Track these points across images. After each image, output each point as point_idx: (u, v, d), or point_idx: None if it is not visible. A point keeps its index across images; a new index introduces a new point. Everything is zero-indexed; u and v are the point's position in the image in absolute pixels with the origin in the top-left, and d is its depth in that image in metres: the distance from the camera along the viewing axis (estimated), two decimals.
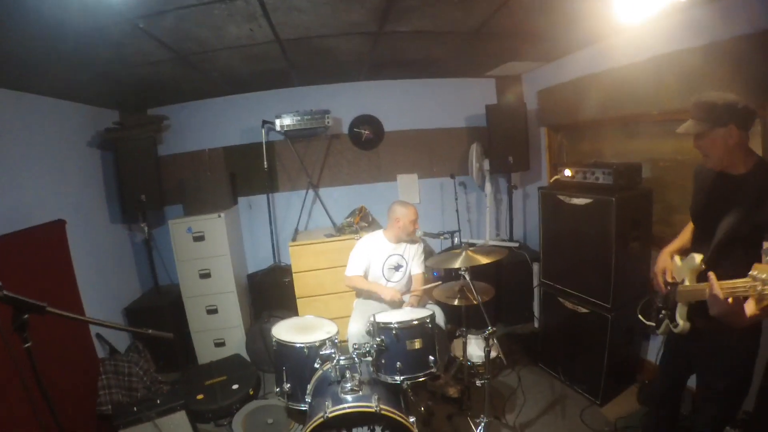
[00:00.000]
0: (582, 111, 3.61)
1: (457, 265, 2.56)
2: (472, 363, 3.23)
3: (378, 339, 2.33)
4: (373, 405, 2.10)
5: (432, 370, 2.39)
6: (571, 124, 4.02)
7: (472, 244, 4.29)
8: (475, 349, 3.34)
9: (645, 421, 2.57)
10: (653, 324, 2.15)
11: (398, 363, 2.32)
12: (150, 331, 1.49)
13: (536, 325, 4.26)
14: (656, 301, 2.13)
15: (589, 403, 3.07)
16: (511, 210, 4.54)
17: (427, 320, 2.43)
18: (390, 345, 2.35)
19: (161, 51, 2.61)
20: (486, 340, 2.46)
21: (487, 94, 4.69)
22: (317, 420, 2.09)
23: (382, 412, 2.09)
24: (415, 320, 2.40)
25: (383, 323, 2.38)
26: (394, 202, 3.28)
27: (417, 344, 2.35)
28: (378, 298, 3.18)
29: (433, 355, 2.39)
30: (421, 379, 2.38)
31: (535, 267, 4.16)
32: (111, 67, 2.82)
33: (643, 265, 3.06)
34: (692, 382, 2.17)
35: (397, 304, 3.07)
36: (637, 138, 3.40)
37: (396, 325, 2.36)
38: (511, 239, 4.54)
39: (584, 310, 3.10)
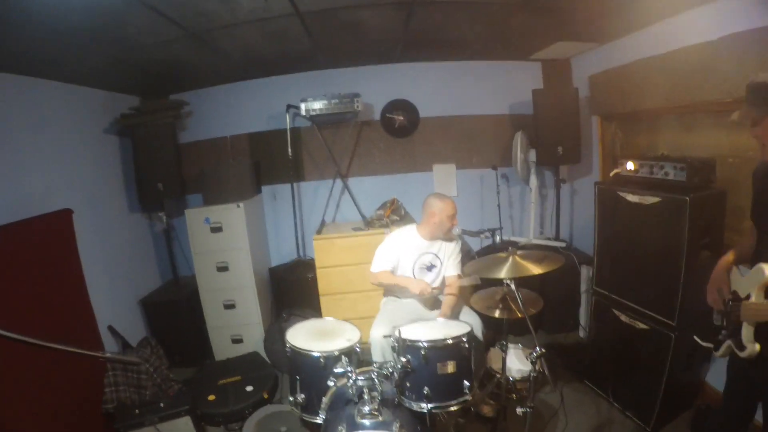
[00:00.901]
0: (642, 98, 3.15)
1: (502, 275, 2.18)
2: (512, 378, 2.88)
3: (403, 359, 1.99)
4: None
5: (466, 398, 2.05)
6: (628, 113, 3.54)
7: (514, 243, 3.92)
8: (514, 362, 2.97)
9: None
10: (710, 346, 1.93)
11: (426, 388, 1.98)
12: (109, 354, 1.26)
13: (581, 335, 3.88)
14: (715, 319, 1.90)
15: (638, 430, 2.71)
16: (558, 206, 4.10)
17: (464, 339, 2.08)
18: (417, 367, 2.01)
19: (169, 28, 2.39)
20: (532, 363, 2.09)
21: (533, 79, 4.26)
22: None
23: None
24: (449, 339, 2.04)
25: (411, 340, 2.04)
26: (429, 194, 2.94)
27: (450, 368, 2.01)
28: (407, 294, 2.87)
29: (468, 380, 2.05)
30: (452, 409, 2.04)
31: (584, 271, 3.78)
32: (121, 49, 2.63)
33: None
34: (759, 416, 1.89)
35: (428, 301, 2.77)
36: (700, 131, 2.93)
37: (425, 344, 2.02)
38: (557, 238, 4.11)
39: (643, 326, 2.70)
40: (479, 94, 4.27)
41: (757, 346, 1.61)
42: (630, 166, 2.82)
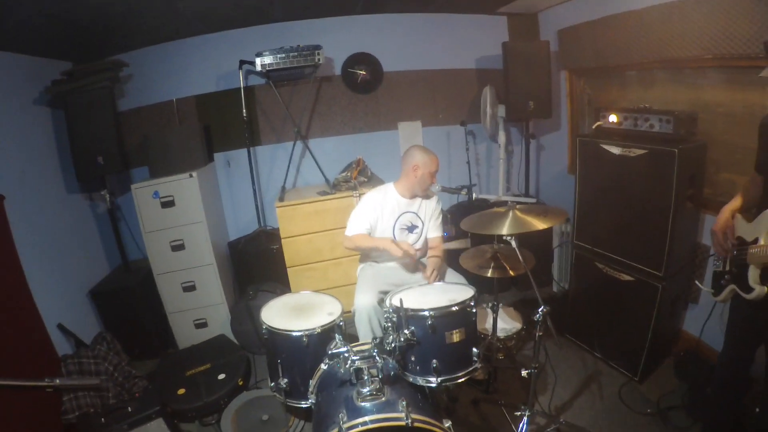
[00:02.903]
0: (617, 54, 3.11)
1: (504, 231, 2.04)
2: (499, 338, 2.82)
3: (407, 331, 1.81)
4: (402, 416, 1.62)
5: (476, 367, 1.91)
6: (598, 68, 3.50)
7: (485, 200, 3.84)
8: (499, 322, 2.90)
9: (697, 400, 2.38)
10: (711, 290, 1.98)
11: (434, 361, 1.82)
12: (58, 381, 1.00)
13: (555, 289, 3.91)
14: (715, 264, 1.96)
15: (626, 380, 2.75)
16: (527, 162, 4.03)
17: (471, 303, 1.92)
18: (423, 339, 1.83)
19: None
20: (537, 322, 1.99)
21: (499, 34, 4.11)
22: None
23: (415, 424, 1.62)
24: (455, 305, 1.88)
25: (414, 309, 1.86)
26: (411, 146, 2.73)
27: (458, 336, 1.85)
28: (387, 258, 2.70)
29: (476, 347, 1.91)
30: (461, 380, 1.90)
31: (556, 226, 3.76)
32: (47, 2, 2.18)
33: (692, 228, 2.70)
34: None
35: (409, 264, 2.63)
36: (672, 86, 2.92)
37: (431, 313, 1.84)
38: (527, 194, 4.06)
39: (628, 278, 2.70)
40: (445, 48, 4.06)
41: (766, 288, 1.64)
42: (613, 118, 2.75)
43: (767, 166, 1.75)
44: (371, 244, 2.66)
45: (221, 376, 2.82)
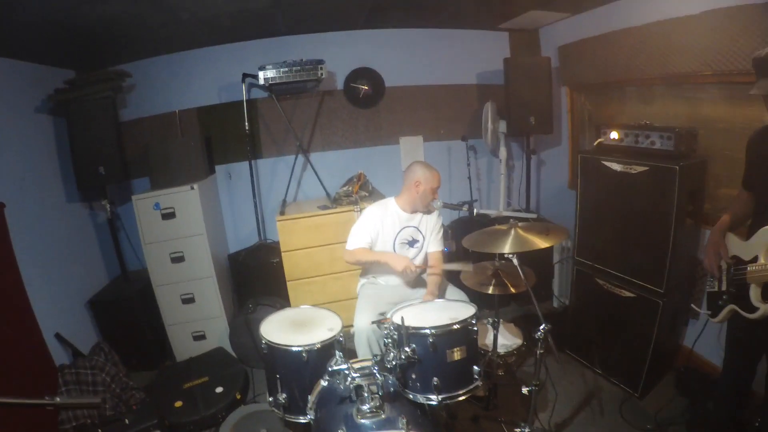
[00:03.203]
0: (617, 69, 3.15)
1: (505, 249, 2.04)
2: (499, 354, 2.80)
3: (408, 349, 1.80)
4: None
5: (477, 384, 1.90)
6: (599, 84, 3.53)
7: (485, 215, 3.84)
8: (499, 338, 2.89)
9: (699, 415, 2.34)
10: (708, 312, 1.97)
11: (435, 379, 1.81)
12: (59, 400, 0.99)
13: (555, 305, 3.89)
14: (708, 285, 1.96)
15: (627, 396, 2.73)
16: (528, 177, 4.04)
17: (472, 321, 1.92)
18: (424, 356, 1.82)
19: None
20: (538, 339, 1.99)
21: (500, 49, 4.15)
22: None
23: None
24: (456, 323, 1.88)
25: (415, 327, 1.85)
26: (414, 162, 2.74)
27: (458, 354, 1.84)
28: (388, 272, 2.69)
29: (477, 365, 1.90)
30: (462, 398, 1.88)
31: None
32: (50, 9, 2.19)
33: (692, 244, 2.71)
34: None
35: (411, 278, 2.62)
36: (672, 101, 2.95)
37: (432, 331, 1.83)
38: (527, 210, 4.07)
39: (629, 294, 2.70)
40: (446, 64, 4.10)
41: None
42: (614, 135, 2.77)
43: (755, 183, 1.78)
44: (372, 258, 2.65)
45: (219, 390, 2.80)
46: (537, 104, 3.64)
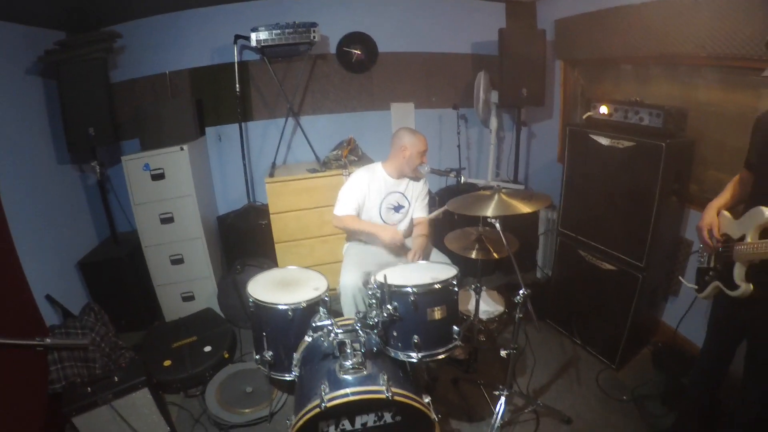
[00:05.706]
0: (613, 46, 3.11)
1: (488, 213, 2.08)
2: (481, 320, 2.88)
3: (390, 307, 1.85)
4: (382, 389, 1.67)
5: (456, 344, 1.96)
6: (594, 60, 3.50)
7: (473, 185, 3.86)
8: (481, 304, 2.96)
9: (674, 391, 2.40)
10: (695, 287, 1.97)
11: (415, 337, 1.86)
12: (49, 341, 1.02)
13: (538, 275, 3.97)
14: (699, 261, 1.96)
15: (604, 367, 2.82)
16: (518, 149, 4.04)
17: (453, 282, 1.96)
18: (405, 314, 1.87)
19: None
20: (518, 304, 2.04)
21: (496, 20, 4.07)
22: (311, 411, 1.65)
23: (395, 398, 1.67)
24: (437, 283, 1.92)
25: (397, 286, 1.89)
26: (400, 128, 2.76)
27: (439, 313, 1.90)
28: (374, 241, 2.72)
29: (457, 325, 1.96)
30: (441, 357, 1.95)
31: (542, 213, 3.83)
32: None
33: (676, 223, 2.74)
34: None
35: (398, 249, 2.65)
36: (667, 82, 2.93)
37: (414, 290, 1.88)
38: (515, 180, 4.09)
39: (610, 267, 2.76)
40: (441, 31, 4.03)
41: (751, 286, 1.64)
42: (603, 110, 2.76)
43: (757, 163, 1.76)
44: (360, 227, 2.69)
45: (207, 348, 2.85)
46: (530, 77, 3.60)
